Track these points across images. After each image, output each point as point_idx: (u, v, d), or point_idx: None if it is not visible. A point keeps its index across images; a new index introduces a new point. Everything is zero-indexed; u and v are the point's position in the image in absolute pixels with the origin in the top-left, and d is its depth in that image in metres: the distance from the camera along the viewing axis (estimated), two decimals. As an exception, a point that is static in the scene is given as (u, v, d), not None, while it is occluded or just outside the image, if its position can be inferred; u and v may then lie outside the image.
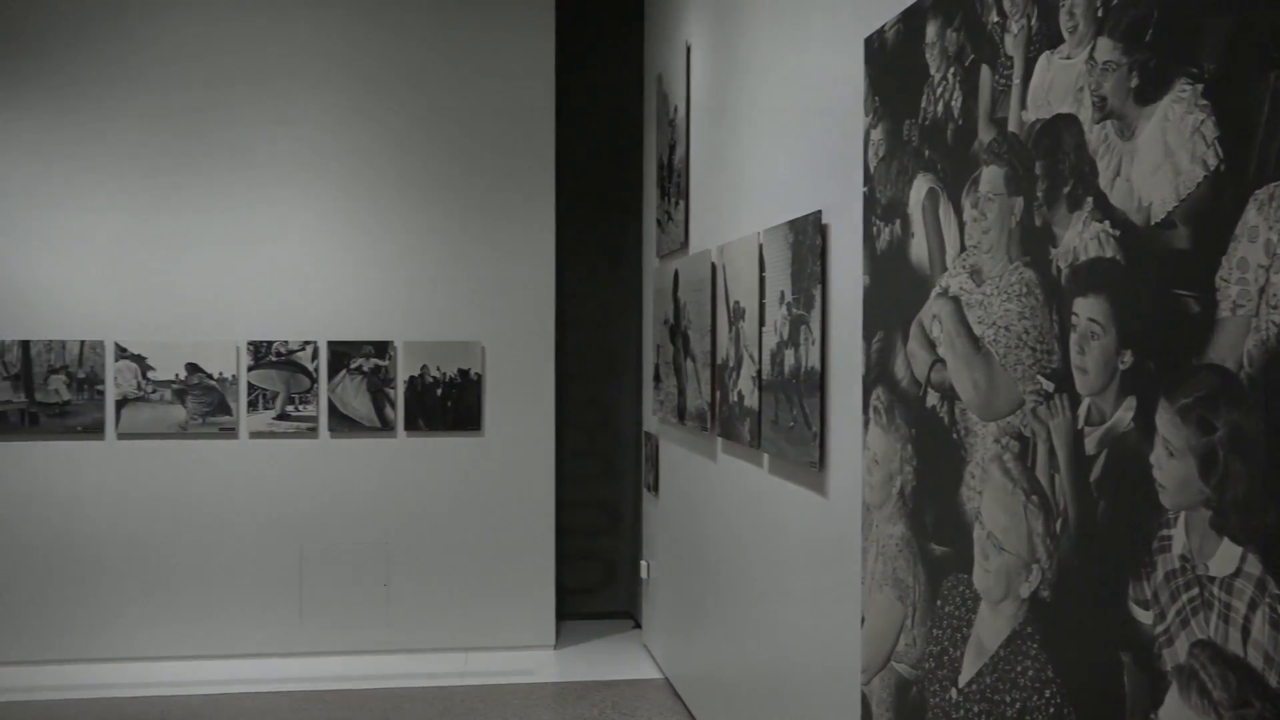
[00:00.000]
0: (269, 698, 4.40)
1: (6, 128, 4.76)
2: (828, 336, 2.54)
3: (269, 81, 4.88)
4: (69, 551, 4.78)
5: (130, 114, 4.81)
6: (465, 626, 5.00)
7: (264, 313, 4.87)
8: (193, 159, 4.84)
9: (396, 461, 4.95)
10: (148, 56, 4.82)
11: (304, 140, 4.90)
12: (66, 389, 4.74)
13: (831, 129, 2.55)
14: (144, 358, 4.78)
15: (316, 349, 4.88)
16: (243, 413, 4.84)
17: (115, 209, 4.81)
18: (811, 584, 2.68)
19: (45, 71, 4.77)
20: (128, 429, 4.78)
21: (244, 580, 4.87)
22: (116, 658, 4.79)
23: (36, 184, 4.77)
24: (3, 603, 4.74)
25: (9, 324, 4.74)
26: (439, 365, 4.95)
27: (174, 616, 4.83)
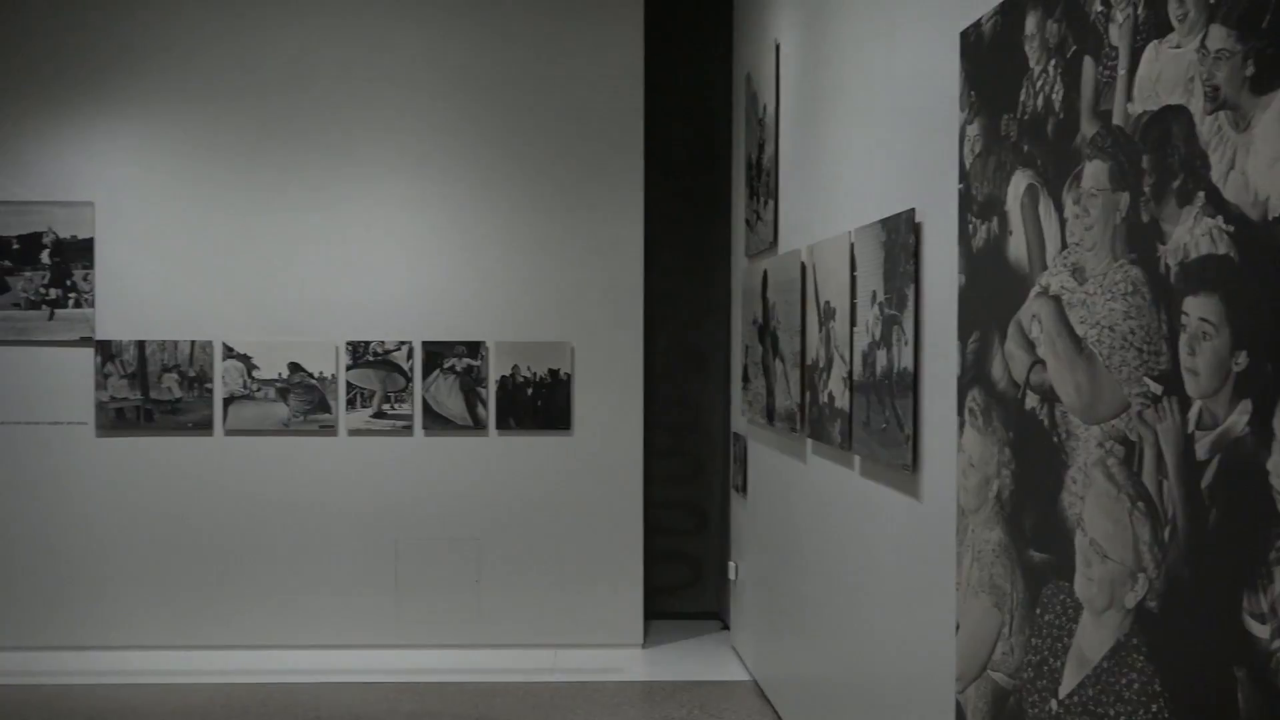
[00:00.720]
0: (365, 688, 4.53)
1: (121, 140, 5.00)
2: (921, 337, 2.49)
3: (367, 89, 5.02)
4: (180, 541, 5.00)
5: (236, 123, 5.00)
6: (554, 623, 5.06)
7: (362, 314, 5.02)
8: (295, 165, 5.01)
9: (488, 460, 5.04)
10: (251, 65, 5.01)
11: (401, 145, 5.03)
12: (178, 387, 4.96)
13: (925, 125, 2.50)
14: (249, 357, 4.97)
15: (412, 349, 5.00)
16: (342, 411, 4.99)
17: (223, 215, 5.01)
18: (904, 588, 2.63)
19: (154, 83, 5.00)
20: (234, 425, 4.98)
21: (342, 573, 5.02)
22: (221, 645, 4.99)
23: (149, 192, 5.00)
24: (119, 588, 4.99)
25: (126, 325, 4.98)
26: (529, 365, 5.02)
27: (276, 605, 5.01)
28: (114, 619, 4.99)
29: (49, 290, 4.95)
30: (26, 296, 4.95)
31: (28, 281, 4.95)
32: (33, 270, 4.95)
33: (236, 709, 4.27)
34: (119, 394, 4.96)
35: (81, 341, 4.96)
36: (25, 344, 4.96)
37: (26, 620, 4.98)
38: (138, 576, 4.99)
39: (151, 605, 5.00)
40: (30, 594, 4.98)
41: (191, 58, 5.00)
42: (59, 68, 4.98)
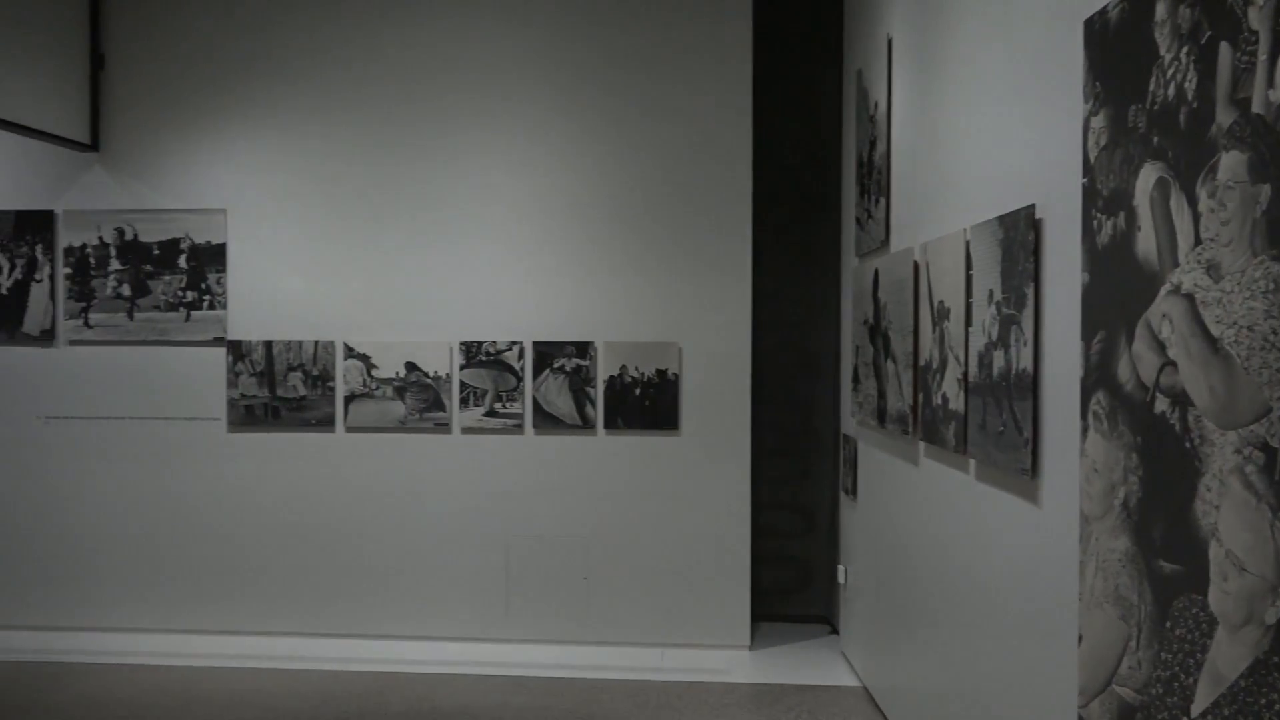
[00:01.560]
0: (476, 680, 4.63)
1: (250, 150, 5.24)
2: (1041, 337, 2.41)
3: (480, 98, 5.14)
4: (303, 532, 5.21)
5: (356, 132, 5.19)
6: (661, 622, 5.08)
7: (475, 315, 5.14)
8: (412, 172, 5.17)
9: (596, 459, 5.09)
10: (370, 78, 5.18)
11: (513, 152, 5.13)
12: (303, 385, 5.18)
13: (1045, 118, 2.41)
14: (369, 357, 5.15)
15: (522, 349, 5.10)
16: (455, 409, 5.13)
17: (344, 221, 5.20)
18: (1022, 597, 2.55)
19: (280, 96, 5.22)
20: (355, 422, 5.17)
21: (455, 567, 5.15)
22: (340, 633, 5.19)
23: (276, 200, 5.23)
24: (248, 576, 5.24)
25: (255, 326, 5.23)
26: (637, 365, 5.05)
27: (392, 597, 5.17)
28: (243, 605, 5.24)
29: (186, 293, 5.24)
30: (165, 299, 5.24)
31: (166, 285, 5.24)
32: (171, 274, 5.24)
33: (356, 695, 4.42)
34: (248, 391, 5.20)
35: (215, 341, 5.23)
36: (164, 344, 5.26)
37: (166, 604, 5.28)
38: (264, 566, 5.23)
39: (276, 593, 5.23)
40: (167, 580, 5.28)
41: (314, 71, 5.21)
42: (193, 85, 5.26)
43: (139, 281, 5.25)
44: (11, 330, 5.32)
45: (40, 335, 5.31)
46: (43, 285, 5.30)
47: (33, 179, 5.34)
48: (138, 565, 5.30)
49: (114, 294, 5.27)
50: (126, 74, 5.29)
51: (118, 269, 5.26)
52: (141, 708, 4.29)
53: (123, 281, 5.26)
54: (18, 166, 5.34)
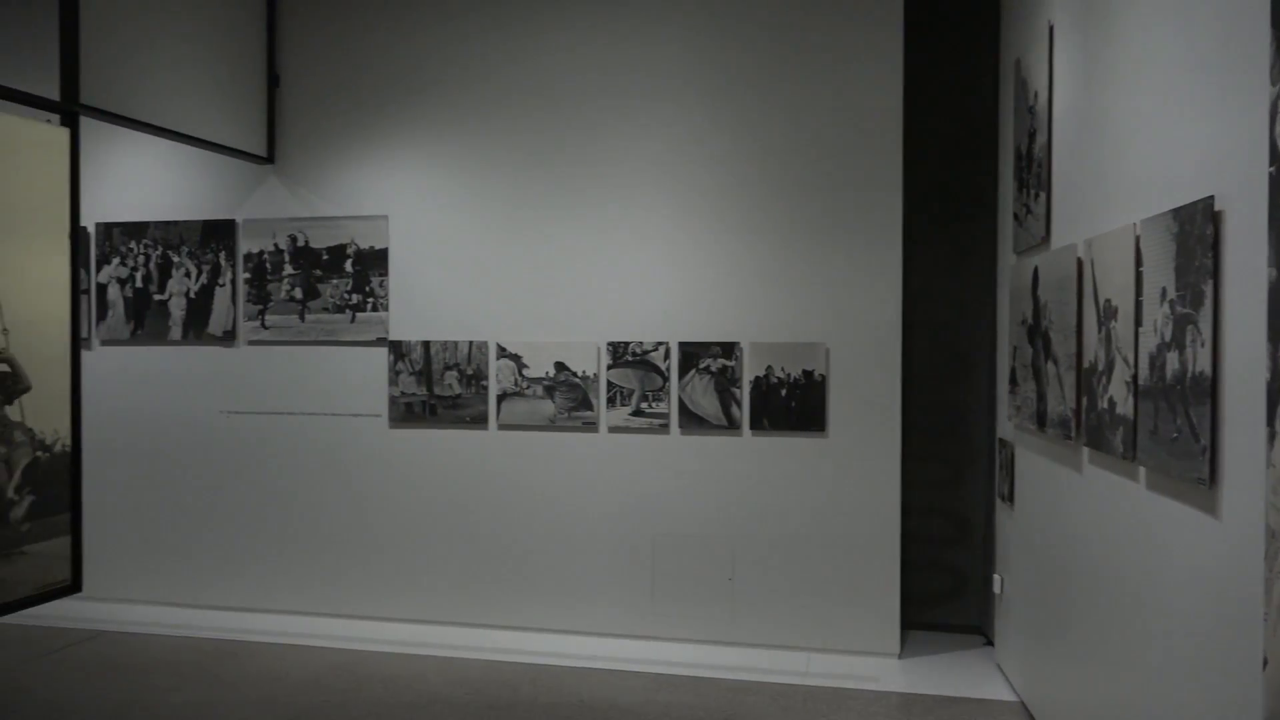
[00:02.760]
0: (622, 676, 4.70)
1: (411, 159, 5.48)
2: (1221, 338, 2.25)
3: (628, 103, 5.21)
4: (458, 526, 5.42)
5: (509, 138, 5.35)
6: (807, 626, 5.02)
7: (622, 315, 5.21)
8: (562, 176, 5.29)
9: (742, 459, 5.08)
10: (523, 85, 5.34)
11: (659, 154, 5.18)
12: (458, 384, 5.39)
13: (1226, 103, 2.26)
14: (520, 357, 5.30)
15: (668, 349, 5.14)
16: (602, 408, 5.22)
17: (497, 225, 5.37)
18: (1198, 614, 2.39)
19: (438, 106, 5.44)
20: (506, 420, 5.33)
21: (602, 563, 5.24)
22: (489, 624, 5.36)
23: (434, 206, 5.45)
24: (405, 565, 5.48)
25: (414, 327, 5.47)
26: (783, 366, 5.01)
27: (541, 591, 5.31)
28: (403, 593, 5.49)
29: (351, 295, 5.53)
30: (333, 301, 5.55)
31: (334, 288, 5.55)
32: (338, 278, 5.55)
33: (507, 684, 4.56)
34: (408, 390, 5.45)
35: (377, 342, 5.50)
36: (331, 344, 5.57)
37: (332, 590, 5.59)
38: (422, 557, 5.47)
39: (433, 583, 5.45)
40: (332, 567, 5.59)
41: (468, 82, 5.40)
42: (358, 100, 5.54)
43: (309, 285, 5.58)
44: (198, 331, 5.74)
45: (223, 335, 5.71)
46: (225, 289, 5.71)
47: (217, 191, 5.75)
48: (305, 552, 5.63)
49: (287, 297, 5.61)
50: (298, 91, 5.63)
51: (290, 273, 5.60)
52: (313, 687, 4.56)
53: (295, 285, 5.60)
54: (204, 180, 5.77)
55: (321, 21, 5.60)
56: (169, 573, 5.84)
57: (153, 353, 5.84)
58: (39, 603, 3.99)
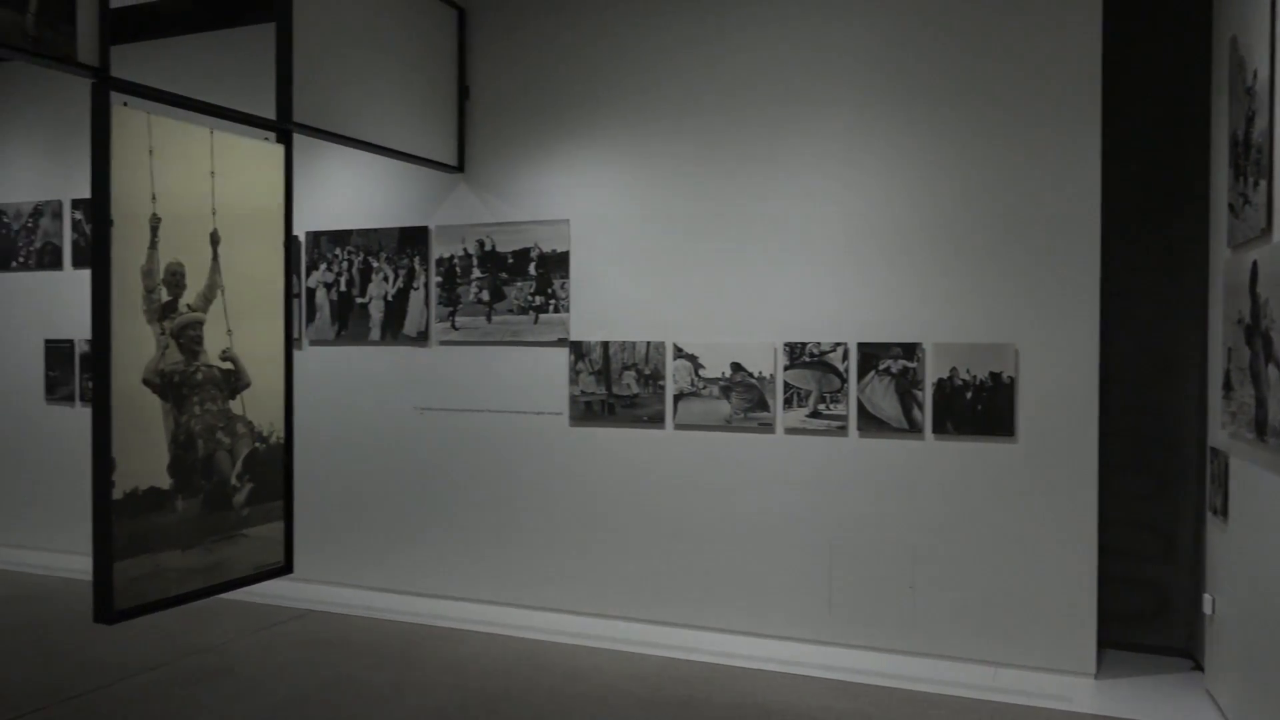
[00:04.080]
0: (797, 680, 4.65)
1: (590, 163, 5.63)
2: None
3: (801, 94, 5.16)
4: (635, 523, 5.51)
5: (683, 140, 5.40)
6: (993, 639, 4.81)
7: (799, 316, 5.16)
8: (737, 175, 5.29)
9: (923, 464, 4.92)
10: (696, 84, 5.37)
11: (836, 149, 5.10)
12: (636, 383, 5.48)
13: None
14: (696, 357, 5.34)
15: (847, 350, 5.05)
16: (779, 409, 5.18)
17: (673, 226, 5.43)
18: None
19: (615, 110, 5.55)
20: (683, 420, 5.38)
21: (778, 566, 5.21)
22: (665, 621, 5.42)
23: (613, 208, 5.57)
24: (583, 560, 5.63)
25: (593, 328, 5.61)
26: (969, 368, 4.82)
27: (716, 591, 5.33)
28: (583, 587, 5.64)
29: (535, 297, 5.73)
30: (518, 303, 5.77)
31: (519, 290, 5.77)
32: (523, 281, 5.76)
33: (683, 682, 4.61)
34: (588, 389, 5.59)
35: (559, 342, 5.68)
36: (516, 344, 5.79)
37: (514, 580, 5.81)
38: (602, 552, 5.60)
39: (612, 578, 5.57)
40: (515, 558, 5.81)
41: (648, 88, 5.49)
42: (542, 109, 5.74)
43: (496, 287, 5.82)
44: (395, 332, 6.10)
45: (417, 336, 6.04)
46: (419, 292, 6.04)
47: (412, 200, 6.09)
48: (491, 544, 5.87)
49: (475, 299, 5.88)
50: (486, 102, 5.89)
51: (478, 276, 5.86)
52: (498, 674, 4.75)
53: (483, 288, 5.86)
54: (400, 189, 6.12)
55: (507, 34, 5.83)
56: (369, 558, 6.23)
57: (354, 352, 6.25)
58: (255, 582, 4.35)
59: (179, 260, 3.90)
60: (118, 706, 4.35)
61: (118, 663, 4.89)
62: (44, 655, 5.06)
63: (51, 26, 3.44)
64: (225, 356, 4.15)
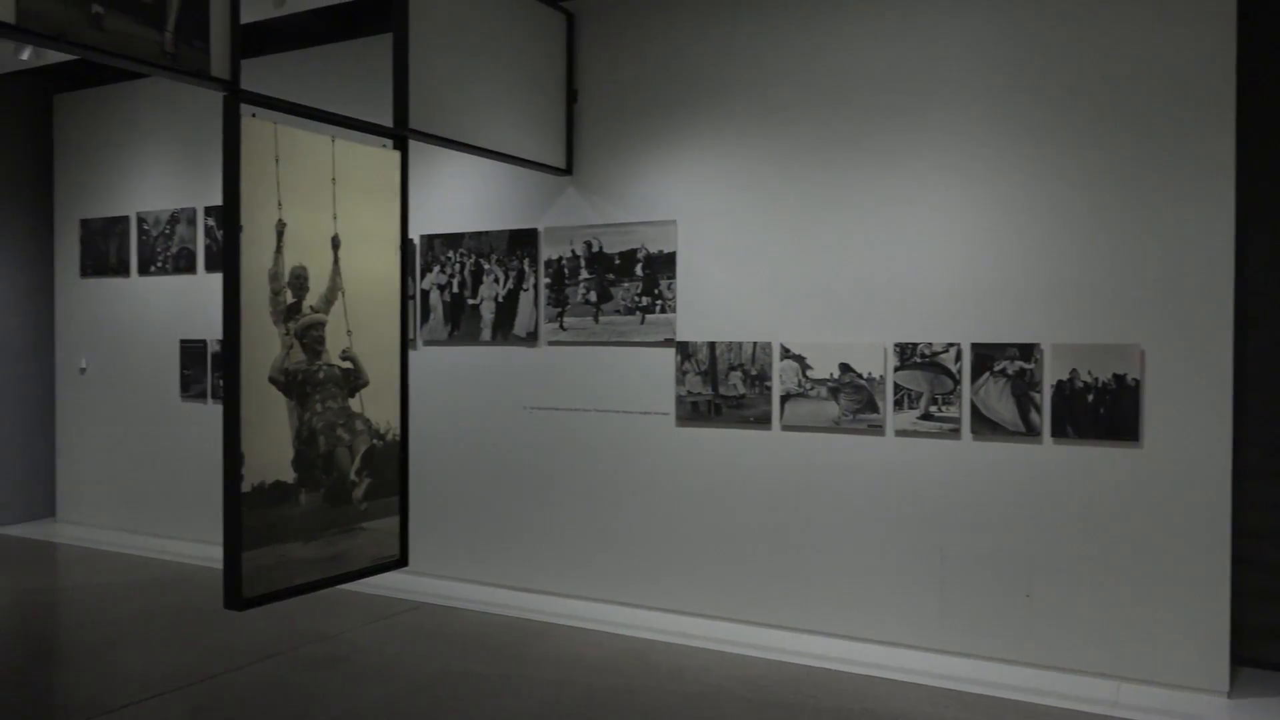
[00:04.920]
0: (907, 687, 4.55)
1: (696, 164, 5.63)
2: None
3: (912, 90, 5.04)
4: (740, 524, 5.49)
5: (790, 138, 5.35)
6: (1115, 653, 4.61)
7: (909, 315, 5.05)
8: (845, 173, 5.21)
9: (1041, 468, 4.76)
10: (802, 80, 5.31)
11: (948, 145, 4.97)
12: (742, 384, 5.46)
13: None
14: (804, 358, 5.28)
15: (960, 351, 4.91)
16: (889, 411, 5.08)
17: (780, 226, 5.39)
18: None
19: (720, 111, 5.54)
20: (790, 421, 5.33)
21: (886, 570, 5.11)
22: (771, 623, 5.38)
23: (719, 209, 5.56)
24: (688, 560, 5.63)
25: (700, 328, 5.61)
26: (1090, 369, 4.64)
27: (822, 593, 5.26)
28: (687, 586, 5.64)
29: (641, 298, 5.76)
30: (625, 304, 5.81)
31: (625, 291, 5.81)
32: (629, 281, 5.80)
33: (789, 684, 4.56)
34: (694, 389, 5.60)
35: (665, 342, 5.70)
36: (623, 344, 5.84)
37: (620, 578, 5.86)
38: (707, 552, 5.59)
39: (717, 578, 5.56)
40: (621, 556, 5.85)
41: (753, 85, 5.46)
42: (648, 110, 5.77)
43: (603, 288, 5.88)
44: (505, 332, 6.23)
45: (526, 336, 6.15)
46: (529, 294, 6.14)
47: (521, 202, 6.21)
48: (598, 542, 5.94)
49: (583, 300, 5.95)
50: (594, 105, 5.95)
51: (586, 278, 5.93)
52: (605, 671, 4.80)
53: (590, 289, 5.92)
54: (511, 192, 6.25)
55: (615, 38, 5.88)
56: (479, 553, 6.38)
57: (466, 352, 6.41)
58: (372, 574, 4.50)
59: (302, 264, 4.07)
60: (245, 690, 4.56)
61: (244, 648, 5.13)
62: (177, 639, 5.34)
63: (187, 44, 3.64)
64: (345, 356, 4.31)
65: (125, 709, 4.32)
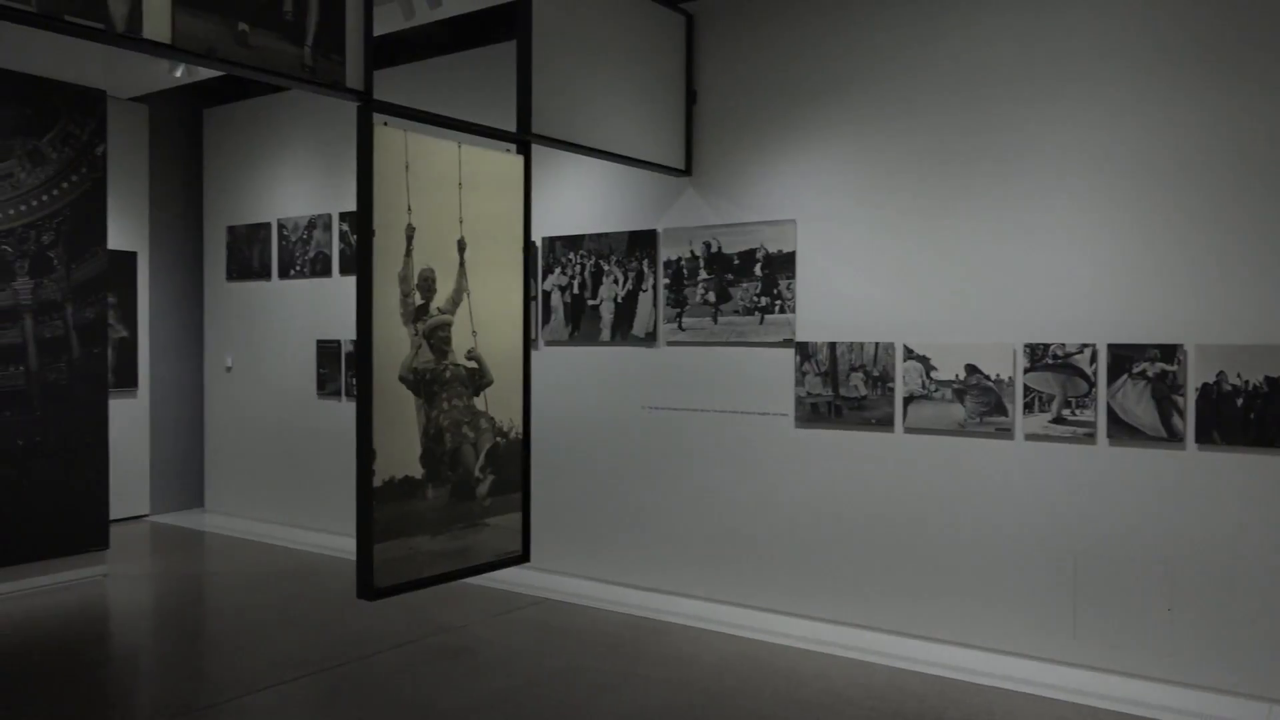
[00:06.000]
0: (1039, 701, 4.38)
1: (816, 162, 5.55)
2: None
3: (1043, 85, 4.85)
4: (860, 527, 5.39)
5: (913, 135, 5.22)
6: (1267, 674, 4.33)
7: (1041, 314, 4.86)
8: (971, 170, 5.06)
9: (1184, 476, 4.51)
10: (926, 78, 5.18)
11: (1082, 139, 4.76)
12: (864, 385, 5.36)
13: None
14: (928, 358, 5.15)
15: (1095, 352, 4.70)
16: (1018, 414, 4.90)
17: (903, 223, 5.27)
18: None
19: (841, 107, 5.44)
20: (913, 424, 5.21)
21: (1014, 579, 4.93)
22: (894, 630, 5.26)
23: (839, 207, 5.47)
24: (808, 564, 5.56)
25: (820, 328, 5.53)
26: (1239, 371, 4.37)
27: (947, 602, 5.11)
28: (808, 591, 5.58)
29: (760, 298, 5.72)
30: (744, 304, 5.79)
31: (744, 291, 5.79)
32: (748, 282, 5.77)
33: (914, 695, 4.46)
34: (814, 390, 5.53)
35: (784, 343, 5.64)
36: (741, 345, 5.81)
37: (739, 580, 5.83)
38: (827, 556, 5.51)
39: (838, 583, 5.48)
40: (740, 558, 5.83)
41: (874, 81, 5.35)
42: (767, 110, 5.73)
43: (722, 289, 5.87)
44: (624, 333, 6.29)
45: (645, 337, 6.20)
46: (648, 294, 6.19)
47: (640, 204, 6.26)
48: (715, 542, 5.93)
49: (702, 300, 5.95)
50: (712, 106, 5.95)
51: (705, 278, 5.93)
52: (722, 672, 4.79)
53: (709, 289, 5.92)
54: (630, 194, 6.30)
55: (733, 38, 5.86)
56: (599, 551, 6.46)
57: (586, 352, 6.50)
58: (495, 568, 4.61)
59: (430, 266, 4.20)
60: (376, 676, 4.75)
61: (375, 636, 5.33)
62: (313, 625, 5.60)
63: (325, 57, 3.81)
64: (470, 356, 4.43)
65: (269, 689, 4.55)
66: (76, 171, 6.43)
